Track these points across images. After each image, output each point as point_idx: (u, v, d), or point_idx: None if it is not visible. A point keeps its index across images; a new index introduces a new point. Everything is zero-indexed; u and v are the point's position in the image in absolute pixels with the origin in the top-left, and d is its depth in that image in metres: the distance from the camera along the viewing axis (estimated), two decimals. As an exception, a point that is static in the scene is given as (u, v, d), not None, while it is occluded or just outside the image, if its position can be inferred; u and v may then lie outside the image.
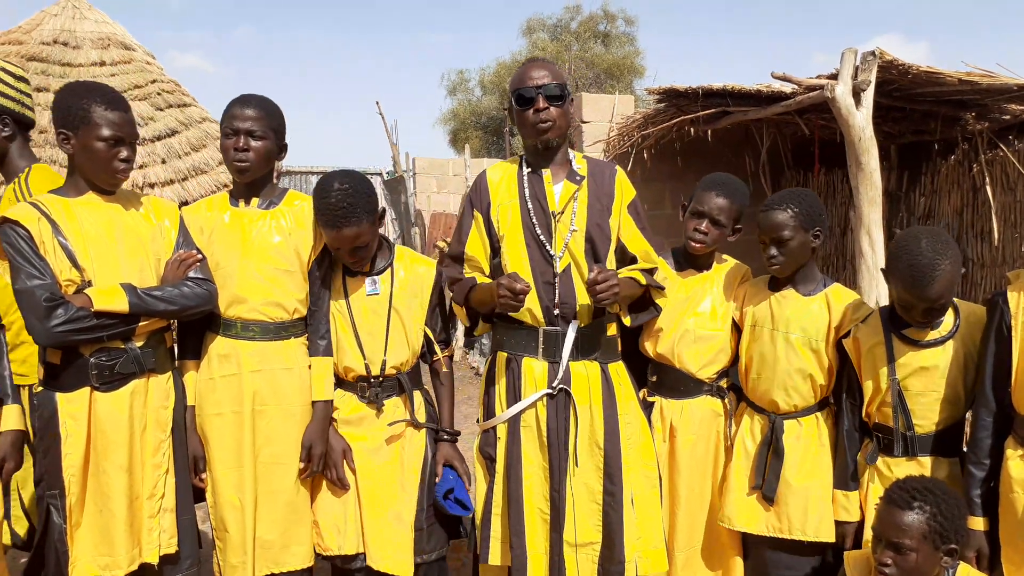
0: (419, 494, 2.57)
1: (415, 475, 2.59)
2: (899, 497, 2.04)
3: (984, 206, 5.93)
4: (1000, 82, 5.05)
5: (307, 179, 12.92)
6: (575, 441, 2.40)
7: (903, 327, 2.35)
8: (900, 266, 2.20)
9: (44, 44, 9.67)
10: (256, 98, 2.50)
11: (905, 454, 2.34)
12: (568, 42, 22.01)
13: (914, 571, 2.01)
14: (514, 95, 2.43)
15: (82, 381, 2.26)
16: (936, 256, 2.16)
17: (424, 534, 2.57)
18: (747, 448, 2.60)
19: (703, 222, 2.64)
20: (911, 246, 2.19)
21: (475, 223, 2.55)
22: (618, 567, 2.37)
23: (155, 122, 9.53)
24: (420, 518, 2.57)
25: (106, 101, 2.27)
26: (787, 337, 2.53)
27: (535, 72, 2.42)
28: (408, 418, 2.60)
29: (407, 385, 2.60)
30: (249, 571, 2.45)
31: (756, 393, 2.60)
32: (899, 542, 2.00)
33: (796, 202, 2.49)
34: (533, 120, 2.41)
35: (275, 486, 2.48)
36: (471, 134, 21.02)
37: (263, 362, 2.47)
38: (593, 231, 2.45)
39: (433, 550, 2.59)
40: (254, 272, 2.46)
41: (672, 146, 6.64)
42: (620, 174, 2.56)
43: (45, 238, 2.21)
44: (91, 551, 2.28)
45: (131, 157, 2.32)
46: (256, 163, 2.46)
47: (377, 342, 2.57)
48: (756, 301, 2.63)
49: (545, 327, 2.43)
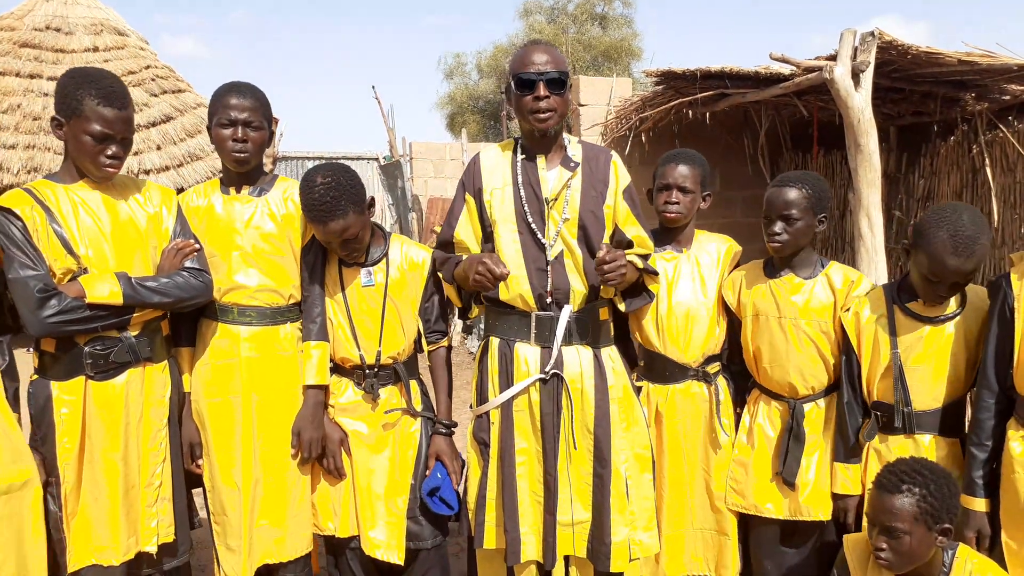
0: (413, 482, 2.59)
1: (409, 464, 2.60)
2: (888, 481, 2.04)
3: (983, 187, 5.91)
4: (1000, 62, 5.02)
5: (303, 164, 12.88)
6: (570, 425, 2.40)
7: (907, 302, 2.36)
8: (940, 235, 2.17)
9: (37, 30, 9.60)
10: (248, 87, 2.49)
11: (904, 431, 2.35)
12: (565, 24, 21.87)
13: (910, 553, 2.02)
14: (514, 78, 2.39)
15: (77, 370, 2.25)
16: (978, 231, 2.17)
17: (418, 521, 2.58)
18: (768, 434, 2.61)
19: (672, 193, 2.67)
20: (953, 218, 2.18)
21: (466, 207, 2.53)
22: (605, 548, 2.39)
23: (150, 108, 9.48)
24: (414, 506, 2.58)
25: (102, 95, 2.21)
26: (796, 323, 2.54)
27: (537, 56, 2.37)
28: (404, 407, 2.60)
29: (403, 374, 2.60)
30: (245, 555, 2.47)
31: (771, 381, 2.60)
32: (892, 526, 2.00)
33: (810, 184, 2.51)
34: (532, 107, 2.37)
35: (274, 471, 2.50)
36: (468, 118, 20.92)
37: (260, 347, 2.48)
38: (586, 218, 2.43)
39: (428, 537, 2.60)
40: (249, 259, 2.47)
41: (670, 129, 6.61)
42: (616, 160, 2.54)
43: (39, 225, 2.19)
44: (87, 539, 2.28)
45: (120, 154, 2.27)
46: (254, 153, 2.47)
47: (372, 332, 2.57)
48: (754, 288, 2.63)
49: (537, 312, 2.43)
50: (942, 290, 2.26)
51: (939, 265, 2.19)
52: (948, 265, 2.18)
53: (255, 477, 2.48)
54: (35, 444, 2.26)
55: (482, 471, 2.49)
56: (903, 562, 2.03)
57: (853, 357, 2.46)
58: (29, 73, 9.21)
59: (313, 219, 2.42)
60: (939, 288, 2.25)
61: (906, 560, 2.03)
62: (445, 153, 10.84)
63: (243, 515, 2.47)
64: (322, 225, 2.41)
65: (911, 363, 2.34)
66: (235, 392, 2.47)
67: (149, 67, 9.86)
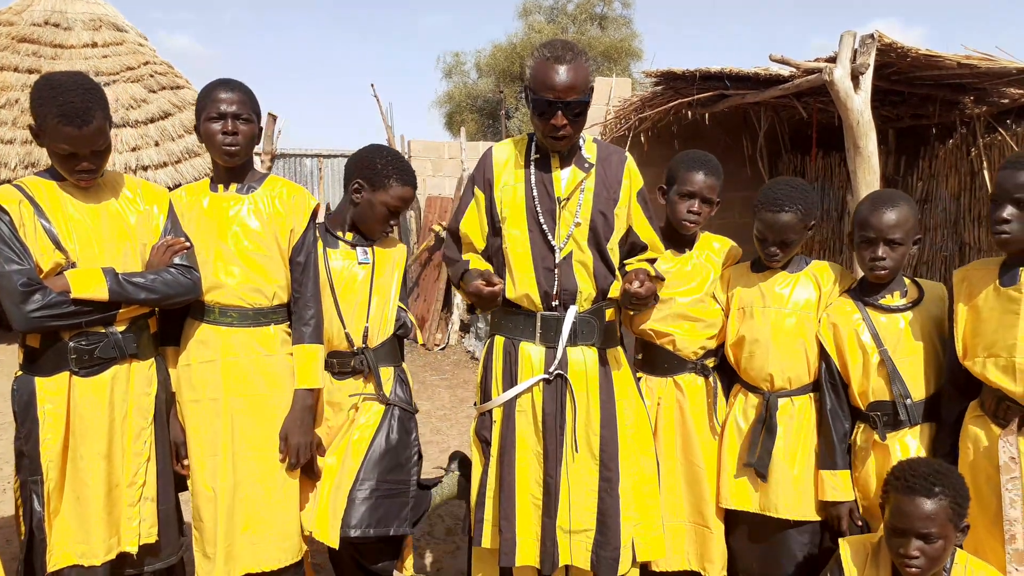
0: (362, 464, 2.54)
1: (363, 444, 2.57)
2: (920, 486, 1.98)
3: (982, 190, 5.90)
4: (999, 66, 5.02)
5: (301, 162, 12.86)
6: (573, 427, 2.38)
7: (868, 299, 2.45)
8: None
9: (35, 25, 9.57)
10: (236, 82, 2.48)
11: (909, 423, 2.36)
12: (564, 24, 21.86)
13: (939, 558, 1.99)
14: (533, 98, 2.30)
15: (61, 365, 2.23)
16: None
17: (355, 506, 2.50)
18: (739, 426, 2.62)
19: (694, 202, 2.64)
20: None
21: (475, 201, 2.50)
22: (613, 553, 2.36)
23: (148, 104, 9.46)
24: (354, 489, 2.51)
25: (62, 114, 2.11)
26: (779, 312, 2.56)
27: (560, 78, 2.23)
28: (376, 393, 2.63)
29: (372, 363, 2.62)
30: (220, 563, 2.40)
31: (750, 371, 2.60)
32: (929, 532, 1.96)
33: (801, 201, 2.50)
34: (548, 132, 2.31)
35: (255, 476, 2.44)
36: (467, 117, 20.88)
37: (241, 349, 2.44)
38: (597, 219, 2.41)
39: (360, 526, 2.48)
40: (232, 257, 2.44)
41: (669, 129, 6.60)
42: (630, 161, 2.51)
43: (26, 220, 2.18)
44: (69, 538, 2.24)
45: (90, 167, 2.21)
46: (245, 146, 2.45)
47: (359, 314, 2.62)
48: (742, 284, 2.66)
49: (543, 312, 2.41)
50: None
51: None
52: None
53: (233, 482, 2.42)
54: (19, 441, 2.24)
55: (483, 469, 2.47)
56: (932, 566, 2.00)
57: (832, 364, 2.49)
58: (27, 68, 9.19)
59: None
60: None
61: (936, 564, 2.00)
62: (443, 152, 10.82)
63: (219, 521, 2.40)
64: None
65: (899, 356, 2.38)
66: (214, 394, 2.42)
67: (148, 63, 9.84)
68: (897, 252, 2.39)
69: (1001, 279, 2.15)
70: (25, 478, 2.24)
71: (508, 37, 22.30)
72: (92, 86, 2.21)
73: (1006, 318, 2.11)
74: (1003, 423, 2.12)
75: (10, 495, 4.41)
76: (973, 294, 2.22)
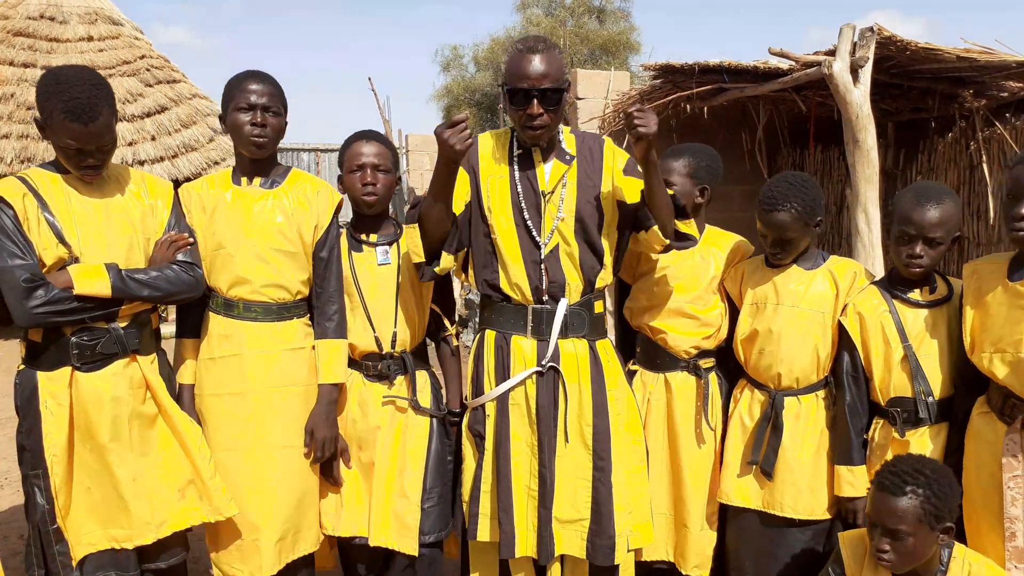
0: (424, 474, 2.55)
1: (420, 455, 2.56)
2: (891, 483, 2.01)
3: (981, 184, 5.89)
4: (998, 59, 5.01)
5: (298, 156, 12.83)
6: (564, 419, 2.39)
7: (903, 293, 2.39)
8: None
9: (31, 19, 9.53)
10: (266, 74, 2.46)
11: (930, 421, 2.33)
12: (563, 17, 21.81)
13: (913, 554, 2.00)
14: (507, 89, 2.31)
15: (63, 360, 2.22)
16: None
17: (426, 514, 2.55)
18: (744, 423, 2.60)
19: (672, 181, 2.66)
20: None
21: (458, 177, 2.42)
22: (608, 541, 2.37)
23: (144, 98, 9.43)
24: (423, 498, 2.54)
25: (69, 110, 2.10)
26: (794, 310, 2.52)
27: (532, 66, 2.26)
28: (409, 397, 2.58)
29: (410, 365, 2.58)
30: (242, 552, 2.42)
31: (759, 368, 2.58)
32: (895, 528, 1.98)
33: (798, 199, 2.45)
34: (525, 122, 2.32)
35: (278, 471, 2.44)
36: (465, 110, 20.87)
37: (265, 343, 2.43)
38: (584, 210, 2.41)
39: (431, 532, 2.55)
40: (256, 252, 2.42)
41: (668, 123, 6.58)
42: (607, 143, 2.50)
43: (30, 214, 2.17)
44: (90, 526, 2.25)
45: (96, 163, 2.21)
46: (272, 139, 2.44)
47: (387, 318, 2.56)
48: (756, 280, 2.62)
49: (534, 305, 2.41)
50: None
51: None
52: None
53: (257, 477, 2.42)
54: (20, 435, 2.25)
55: (477, 463, 2.48)
56: (905, 563, 2.02)
57: (857, 357, 2.45)
58: (23, 62, 9.15)
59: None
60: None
61: (908, 560, 2.01)
62: (442, 146, 10.79)
63: (240, 516, 2.40)
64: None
65: (922, 352, 2.35)
66: (238, 389, 2.42)
67: (144, 57, 9.80)
68: (936, 251, 2.31)
69: (1011, 275, 2.14)
70: (26, 472, 2.24)
71: (506, 30, 22.27)
72: (99, 82, 2.19)
73: (1014, 313, 2.09)
74: (1008, 420, 2.11)
75: (8, 490, 4.41)
76: (982, 288, 2.20)
